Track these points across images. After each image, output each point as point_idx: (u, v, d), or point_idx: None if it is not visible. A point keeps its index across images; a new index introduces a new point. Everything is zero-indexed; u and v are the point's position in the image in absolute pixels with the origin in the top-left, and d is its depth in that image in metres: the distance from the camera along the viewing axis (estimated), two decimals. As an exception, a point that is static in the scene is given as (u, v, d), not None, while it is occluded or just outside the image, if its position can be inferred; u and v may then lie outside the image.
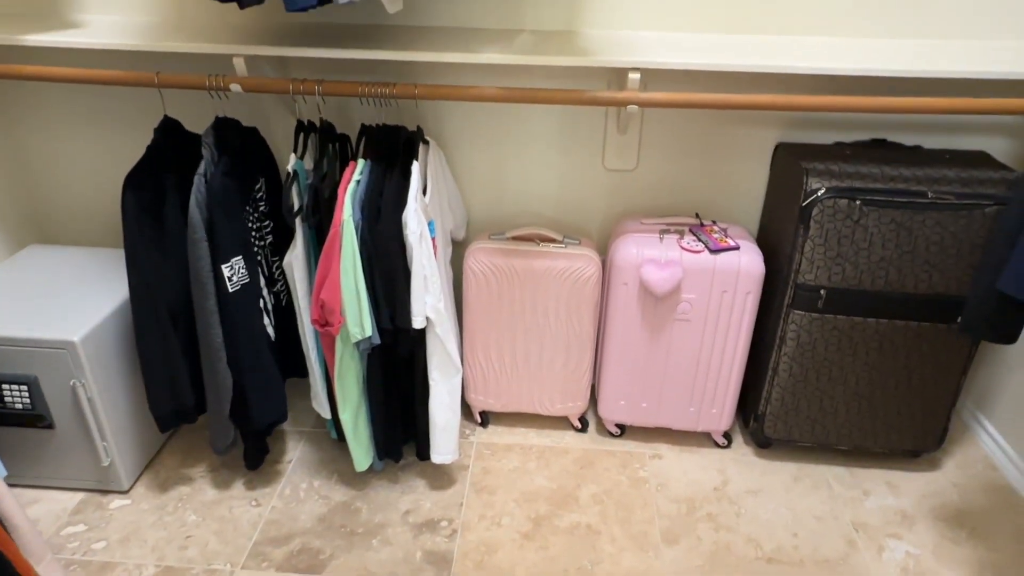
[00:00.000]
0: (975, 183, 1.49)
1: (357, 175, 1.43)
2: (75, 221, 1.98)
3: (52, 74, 1.50)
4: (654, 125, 1.72)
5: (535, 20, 1.63)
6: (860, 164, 1.54)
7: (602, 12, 1.61)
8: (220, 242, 1.43)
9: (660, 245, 1.63)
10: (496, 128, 1.75)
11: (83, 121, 1.83)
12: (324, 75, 1.68)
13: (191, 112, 1.76)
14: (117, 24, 1.62)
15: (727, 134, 1.72)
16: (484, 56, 1.42)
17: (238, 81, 1.47)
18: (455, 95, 1.47)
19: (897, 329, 1.59)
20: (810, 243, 1.53)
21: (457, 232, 1.80)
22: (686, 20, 1.61)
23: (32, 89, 1.80)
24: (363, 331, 1.41)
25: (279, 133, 1.79)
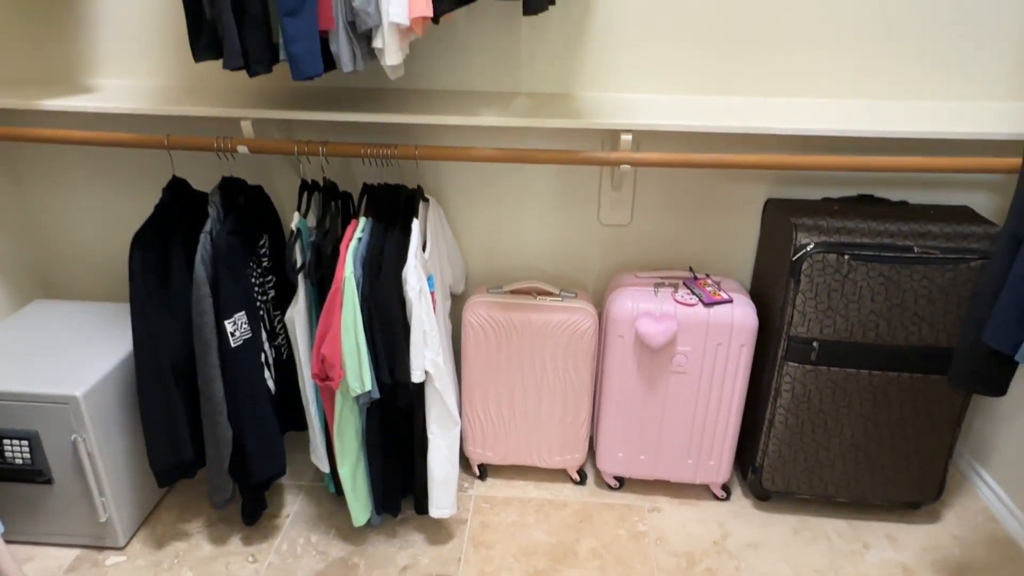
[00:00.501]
0: (959, 238, 1.53)
1: (359, 233, 1.47)
2: (80, 276, 2.02)
3: (69, 137, 1.56)
4: (647, 182, 1.78)
5: (531, 83, 1.70)
6: (848, 219, 1.59)
7: (595, 75, 1.68)
8: (224, 298, 1.46)
9: (655, 298, 1.66)
10: (494, 185, 1.81)
11: (93, 179, 1.88)
12: (328, 136, 1.74)
13: (199, 171, 1.82)
14: (129, 88, 1.69)
15: (718, 190, 1.77)
16: (482, 119, 1.47)
17: (245, 143, 1.52)
18: (454, 156, 1.52)
19: (890, 381, 1.61)
20: (801, 296, 1.56)
21: (456, 286, 1.83)
22: (676, 82, 1.67)
23: (44, 148, 1.86)
24: (363, 385, 1.43)
25: (283, 190, 1.84)
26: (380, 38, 1.24)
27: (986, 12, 1.56)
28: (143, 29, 1.69)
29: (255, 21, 1.25)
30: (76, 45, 1.73)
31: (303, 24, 1.20)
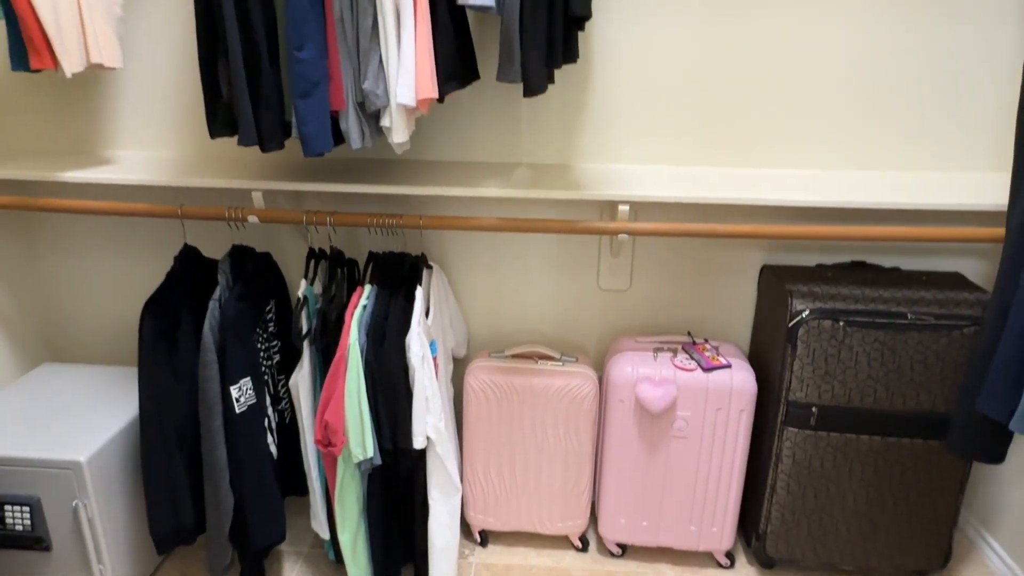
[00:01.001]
0: (951, 304, 1.56)
1: (364, 300, 1.51)
2: (90, 340, 2.05)
3: (87, 208, 1.61)
4: (645, 248, 1.83)
5: (531, 154, 1.77)
6: (842, 286, 1.62)
7: (593, 147, 1.74)
8: (230, 364, 1.49)
9: (654, 363, 1.68)
10: (496, 252, 1.85)
11: (106, 246, 1.94)
12: (336, 205, 1.80)
13: (210, 238, 1.87)
14: (146, 159, 1.76)
15: (715, 256, 1.82)
16: (484, 190, 1.53)
17: (255, 213, 1.58)
18: (458, 225, 1.58)
19: (891, 446, 1.61)
20: (799, 362, 1.58)
21: (458, 350, 1.86)
22: (671, 154, 1.74)
23: (60, 215, 1.92)
24: (365, 452, 1.44)
25: (291, 256, 1.89)
26: (388, 117, 1.31)
27: (967, 87, 1.63)
28: (160, 104, 1.77)
29: (270, 102, 1.31)
30: (96, 118, 1.81)
31: (315, 105, 1.27)
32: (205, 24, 1.33)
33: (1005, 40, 1.59)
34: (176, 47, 1.71)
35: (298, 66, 1.24)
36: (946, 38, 1.60)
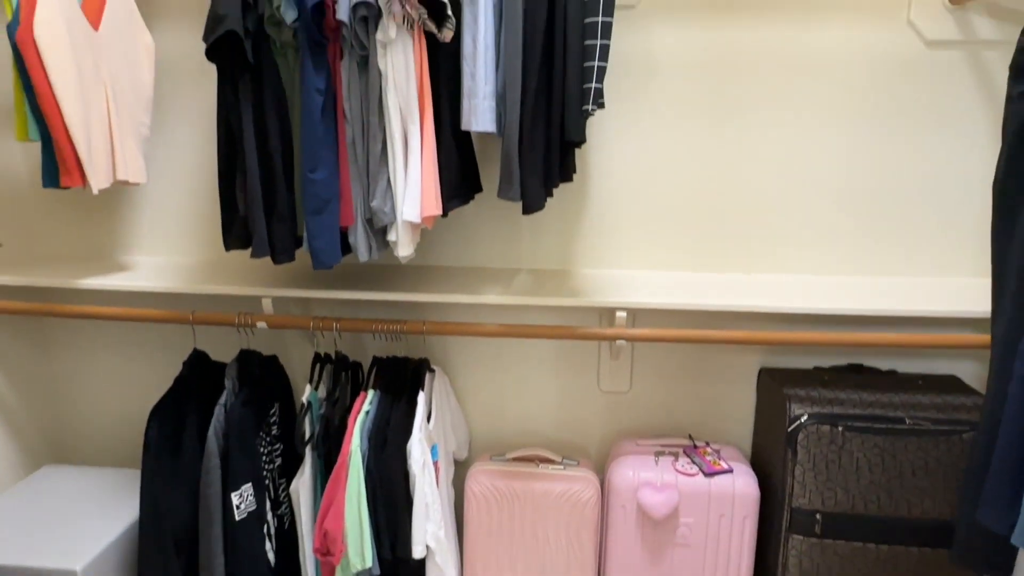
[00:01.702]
0: (949, 408, 1.57)
1: (367, 406, 1.53)
2: (94, 441, 2.06)
3: (101, 313, 1.67)
4: (645, 351, 1.86)
5: (532, 260, 1.83)
6: (839, 390, 1.64)
7: (592, 253, 1.81)
8: (233, 471, 1.50)
9: (656, 468, 1.68)
10: (497, 356, 1.89)
11: (116, 348, 1.98)
12: (343, 309, 1.85)
13: (219, 341, 1.90)
14: (161, 265, 1.83)
15: (713, 359, 1.85)
16: (486, 297, 1.58)
17: (264, 319, 1.63)
18: (460, 331, 1.62)
19: (899, 555, 1.58)
20: (800, 467, 1.58)
21: (459, 452, 1.86)
22: (668, 260, 1.80)
23: (73, 319, 1.97)
24: (364, 562, 1.43)
25: (297, 358, 1.92)
26: (395, 232, 1.38)
27: (952, 196, 1.71)
28: (178, 214, 1.86)
29: (282, 217, 1.39)
30: (115, 226, 1.89)
31: (326, 222, 1.34)
32: (225, 145, 1.42)
33: (985, 153, 1.68)
34: (195, 162, 1.82)
35: (311, 186, 1.32)
36: (930, 150, 1.69)
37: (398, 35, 1.27)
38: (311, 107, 1.29)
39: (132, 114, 1.59)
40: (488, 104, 1.30)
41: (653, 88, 1.71)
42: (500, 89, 1.31)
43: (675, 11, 1.67)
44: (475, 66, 1.28)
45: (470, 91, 1.30)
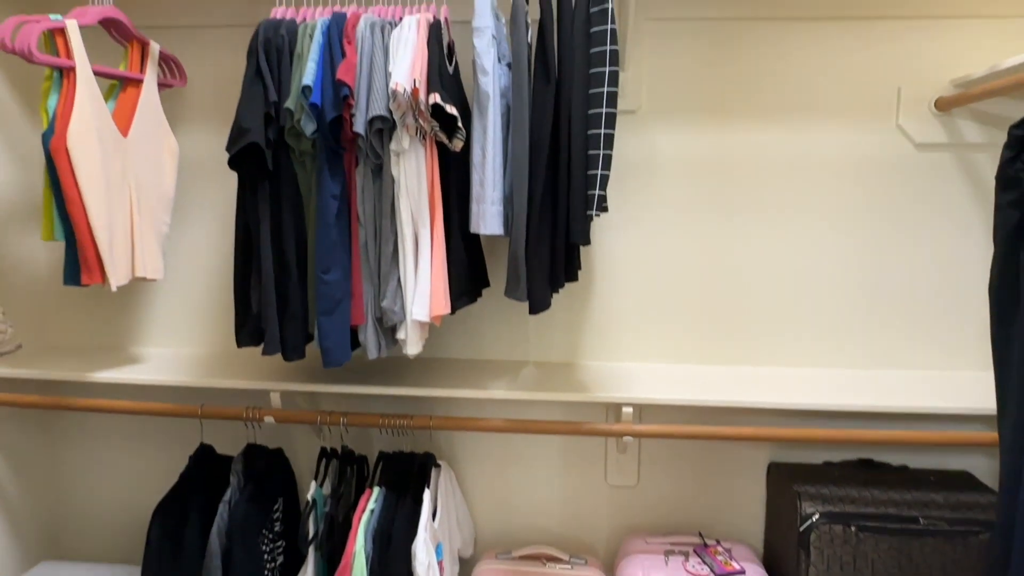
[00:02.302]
0: (964, 507, 1.54)
1: (371, 504, 1.52)
2: (93, 536, 2.03)
3: (112, 407, 1.68)
4: (652, 445, 1.85)
5: (538, 353, 1.85)
6: (851, 487, 1.62)
7: (598, 346, 1.83)
8: (234, 571, 1.47)
9: (665, 568, 1.64)
10: (504, 449, 1.88)
11: (121, 439, 1.98)
12: (350, 402, 1.85)
13: (225, 434, 1.90)
14: (172, 357, 1.85)
15: (721, 454, 1.83)
16: (492, 392, 1.59)
17: (272, 414, 1.64)
18: (467, 426, 1.62)
19: (922, 664, 1.52)
20: (814, 569, 1.54)
21: (464, 550, 1.82)
22: (675, 353, 1.82)
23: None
24: (365, 671, 1.38)
25: (303, 451, 1.92)
26: (404, 331, 1.41)
27: (953, 288, 1.74)
28: (191, 307, 1.90)
29: (295, 316, 1.42)
30: (129, 319, 1.93)
31: (337, 321, 1.37)
32: (243, 246, 1.47)
33: (979, 249, 1.72)
34: (211, 258, 1.87)
35: (324, 287, 1.36)
36: (927, 246, 1.74)
37: (411, 145, 1.34)
38: (326, 212, 1.35)
39: (154, 213, 1.66)
40: (496, 209, 1.35)
41: (655, 188, 1.77)
42: (507, 192, 1.36)
43: (674, 116, 1.75)
44: (484, 173, 1.34)
45: (479, 196, 1.35)
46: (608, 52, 1.30)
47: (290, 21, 1.41)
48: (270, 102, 1.33)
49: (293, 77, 1.34)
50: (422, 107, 1.28)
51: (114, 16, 1.57)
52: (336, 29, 1.34)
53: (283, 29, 1.37)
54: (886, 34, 1.69)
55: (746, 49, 1.72)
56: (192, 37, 1.81)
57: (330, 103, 1.30)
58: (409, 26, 1.34)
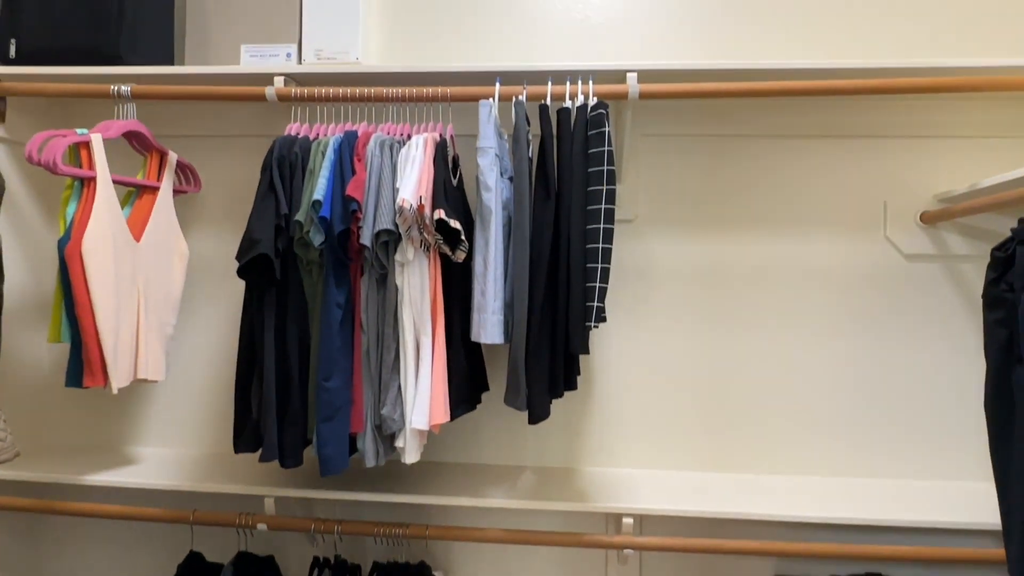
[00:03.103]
0: (977, 629, 1.49)
1: (364, 620, 1.46)
2: (70, 648, 1.94)
3: (100, 511, 1.66)
4: (654, 556, 1.80)
5: (537, 458, 1.83)
6: (858, 604, 1.57)
7: (598, 451, 1.82)
8: None
9: None
10: (501, 561, 1.83)
11: (111, 546, 1.92)
12: (345, 508, 1.81)
13: (217, 540, 1.86)
14: (167, 458, 1.83)
15: (725, 566, 1.78)
16: (490, 500, 1.57)
17: (265, 520, 1.61)
18: (463, 536, 1.59)
19: None
20: None
21: (459, 668, 1.74)
22: (675, 459, 1.80)
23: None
24: None
25: (295, 559, 1.86)
26: (402, 439, 1.40)
27: (949, 397, 1.74)
28: (189, 408, 1.90)
29: (294, 422, 1.42)
30: (127, 418, 1.92)
31: (336, 429, 1.38)
32: (247, 352, 1.49)
33: (973, 357, 1.74)
34: (212, 360, 1.89)
35: (324, 394, 1.37)
36: (921, 354, 1.76)
37: (415, 256, 1.39)
38: (331, 320, 1.38)
39: (160, 315, 1.69)
40: (497, 318, 1.38)
41: (652, 295, 1.81)
42: (508, 300, 1.40)
43: (670, 225, 1.81)
44: (485, 284, 1.38)
45: (480, 306, 1.38)
46: (605, 171, 1.36)
47: (304, 139, 1.48)
48: (281, 214, 1.39)
49: (305, 191, 1.40)
50: (427, 221, 1.34)
51: (136, 129, 1.66)
52: (348, 147, 1.42)
53: (297, 147, 1.44)
54: (872, 151, 1.78)
55: (737, 163, 1.81)
56: (209, 145, 1.90)
57: (339, 216, 1.36)
58: (417, 145, 1.41)
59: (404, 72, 1.64)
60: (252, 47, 1.78)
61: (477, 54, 1.87)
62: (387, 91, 1.55)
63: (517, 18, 1.86)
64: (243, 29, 1.80)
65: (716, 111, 1.79)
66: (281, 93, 1.58)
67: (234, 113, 1.87)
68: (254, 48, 1.78)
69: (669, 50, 1.82)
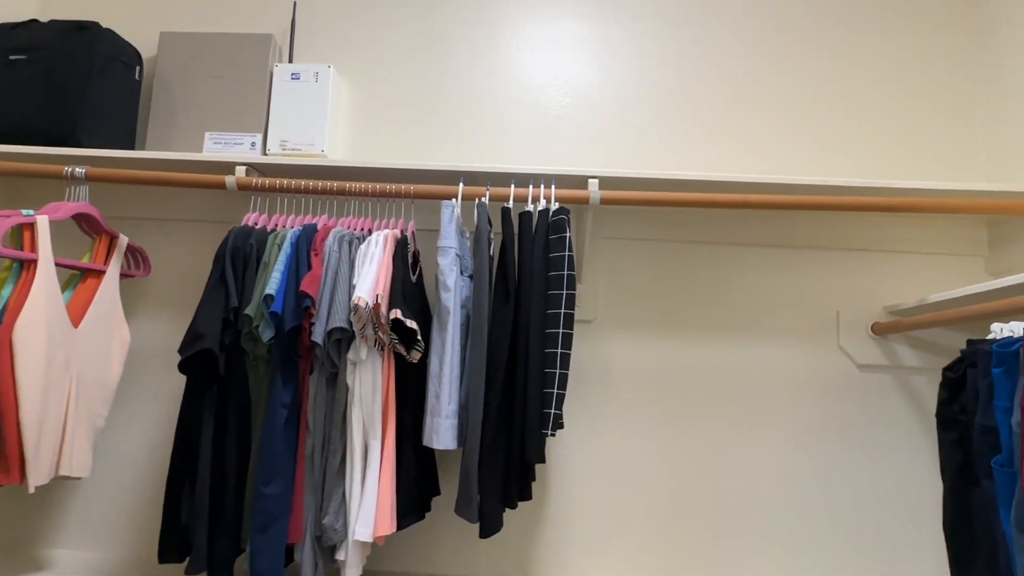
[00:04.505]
0: None
1: None
2: None
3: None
4: None
5: (489, 568, 1.73)
6: None
7: (552, 563, 1.73)
8: None
9: None
10: None
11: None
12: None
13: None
14: (83, 563, 1.68)
15: None
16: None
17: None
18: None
19: None
20: None
21: None
22: (632, 569, 1.72)
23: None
24: None
25: None
26: (344, 551, 1.31)
27: (909, 505, 1.72)
28: (111, 509, 1.75)
29: (227, 530, 1.32)
30: (40, 516, 1.77)
31: (273, 539, 1.28)
32: (181, 450, 1.40)
33: (929, 466, 1.73)
34: (143, 457, 1.77)
35: (263, 501, 1.28)
36: (876, 462, 1.75)
37: (368, 356, 1.34)
38: (275, 421, 1.31)
39: (92, 406, 1.58)
40: (450, 423, 1.33)
41: (610, 398, 1.78)
42: (463, 401, 1.35)
43: (630, 327, 1.81)
44: (440, 386, 1.33)
45: (433, 409, 1.33)
46: (565, 276, 1.36)
47: (261, 230, 1.45)
48: (230, 307, 1.34)
49: (257, 284, 1.36)
50: (383, 321, 1.30)
51: (86, 212, 1.61)
52: (305, 241, 1.39)
53: (253, 238, 1.41)
54: (826, 262, 1.83)
55: (697, 268, 1.83)
56: (163, 229, 1.86)
57: (291, 312, 1.32)
58: (376, 242, 1.40)
59: (369, 167, 1.64)
60: (216, 134, 1.77)
61: (444, 153, 1.89)
62: (350, 186, 1.55)
63: (486, 120, 1.91)
64: (208, 116, 1.80)
65: (676, 217, 1.83)
66: (242, 182, 1.57)
67: (192, 198, 1.84)
68: (218, 135, 1.77)
69: (632, 157, 1.88)
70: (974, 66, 1.89)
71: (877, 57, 1.91)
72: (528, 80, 1.93)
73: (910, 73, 1.90)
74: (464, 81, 1.93)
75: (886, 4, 1.93)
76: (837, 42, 1.92)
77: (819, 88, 1.90)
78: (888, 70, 1.90)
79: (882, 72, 1.90)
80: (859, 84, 1.90)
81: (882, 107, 1.89)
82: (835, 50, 1.92)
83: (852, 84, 1.90)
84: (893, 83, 1.90)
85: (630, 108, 1.90)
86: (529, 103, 1.91)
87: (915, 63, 1.90)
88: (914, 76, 1.90)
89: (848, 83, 1.90)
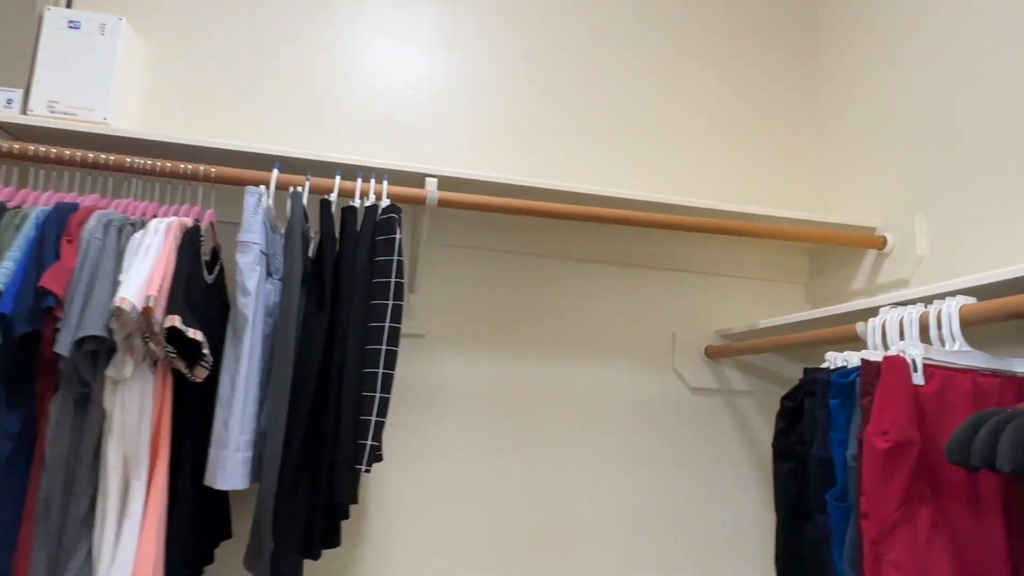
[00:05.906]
0: None
1: None
2: None
3: None
4: None
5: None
6: None
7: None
8: None
9: None
10: None
11: None
12: None
13: None
14: None
15: None
16: None
17: None
18: None
19: None
20: None
21: None
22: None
23: None
24: None
25: None
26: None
27: (739, 530, 1.72)
28: None
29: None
30: None
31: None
32: None
33: (755, 493, 1.74)
34: None
35: (-34, 565, 0.96)
36: (712, 485, 1.73)
37: (135, 373, 1.06)
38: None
39: None
40: (241, 456, 1.09)
41: (442, 420, 1.61)
42: (262, 428, 1.11)
43: (464, 342, 1.66)
44: (230, 411, 1.09)
45: (220, 440, 1.08)
46: (392, 284, 1.17)
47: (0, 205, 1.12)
48: (-64, 304, 1.00)
49: (-19, 275, 1.03)
50: (155, 329, 1.03)
51: None
52: (55, 223, 1.09)
53: (-18, 215, 1.08)
54: (664, 282, 1.80)
55: (536, 282, 1.72)
56: None
57: (25, 314, 1.01)
58: (156, 230, 1.12)
59: (163, 142, 1.36)
60: (-45, 84, 1.38)
61: (260, 136, 1.63)
62: (131, 160, 1.26)
63: (312, 103, 1.67)
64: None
65: (517, 227, 1.71)
66: (-20, 145, 1.22)
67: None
68: (-43, 85, 1.39)
69: (476, 159, 1.74)
70: (807, 99, 1.97)
71: (716, 81, 1.93)
72: (366, 64, 1.72)
73: (751, 99, 1.93)
74: (289, 57, 1.68)
75: (726, 28, 1.96)
76: (678, 60, 1.92)
77: (663, 105, 1.88)
78: (730, 94, 1.93)
79: (724, 96, 1.92)
80: (699, 104, 1.90)
81: (723, 131, 1.90)
82: (675, 69, 1.91)
83: (691, 102, 1.90)
84: (736, 108, 1.92)
85: (478, 106, 1.77)
86: (364, 89, 1.71)
87: (755, 87, 1.94)
88: (754, 103, 1.93)
89: (686, 101, 1.90)
